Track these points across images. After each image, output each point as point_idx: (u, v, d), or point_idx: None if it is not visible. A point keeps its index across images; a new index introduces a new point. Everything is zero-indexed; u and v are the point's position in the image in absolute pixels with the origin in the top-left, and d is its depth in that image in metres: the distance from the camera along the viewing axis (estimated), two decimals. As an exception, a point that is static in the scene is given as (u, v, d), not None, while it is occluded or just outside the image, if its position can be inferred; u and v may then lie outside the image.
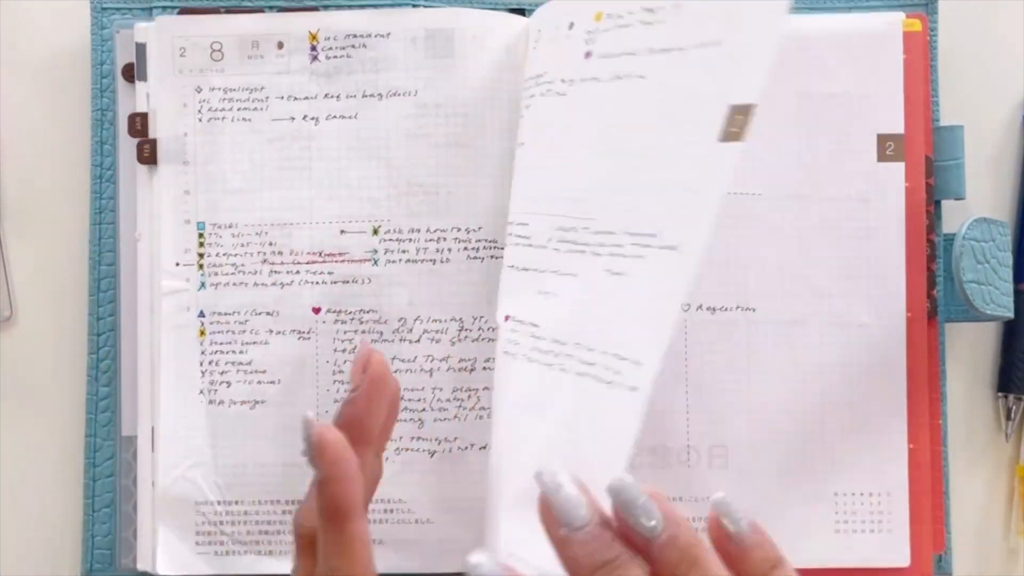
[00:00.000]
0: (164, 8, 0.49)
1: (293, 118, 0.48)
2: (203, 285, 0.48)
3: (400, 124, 0.48)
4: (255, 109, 0.48)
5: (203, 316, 0.48)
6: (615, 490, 0.30)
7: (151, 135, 0.48)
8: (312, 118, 0.48)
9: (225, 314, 0.48)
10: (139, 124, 0.48)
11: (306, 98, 0.48)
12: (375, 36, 0.48)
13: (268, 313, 0.48)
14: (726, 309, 0.47)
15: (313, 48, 0.48)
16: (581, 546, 0.29)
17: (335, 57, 0.48)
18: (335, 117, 0.48)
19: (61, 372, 0.50)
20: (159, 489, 0.47)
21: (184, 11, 0.49)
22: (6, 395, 0.51)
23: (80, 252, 0.50)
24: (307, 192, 0.48)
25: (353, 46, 0.48)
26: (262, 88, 0.48)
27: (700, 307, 0.47)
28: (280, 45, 0.48)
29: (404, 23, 0.48)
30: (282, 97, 0.48)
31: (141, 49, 0.48)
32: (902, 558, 0.47)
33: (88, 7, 0.50)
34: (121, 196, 0.49)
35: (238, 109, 0.48)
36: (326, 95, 0.48)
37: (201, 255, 0.48)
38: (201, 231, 0.48)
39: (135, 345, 0.48)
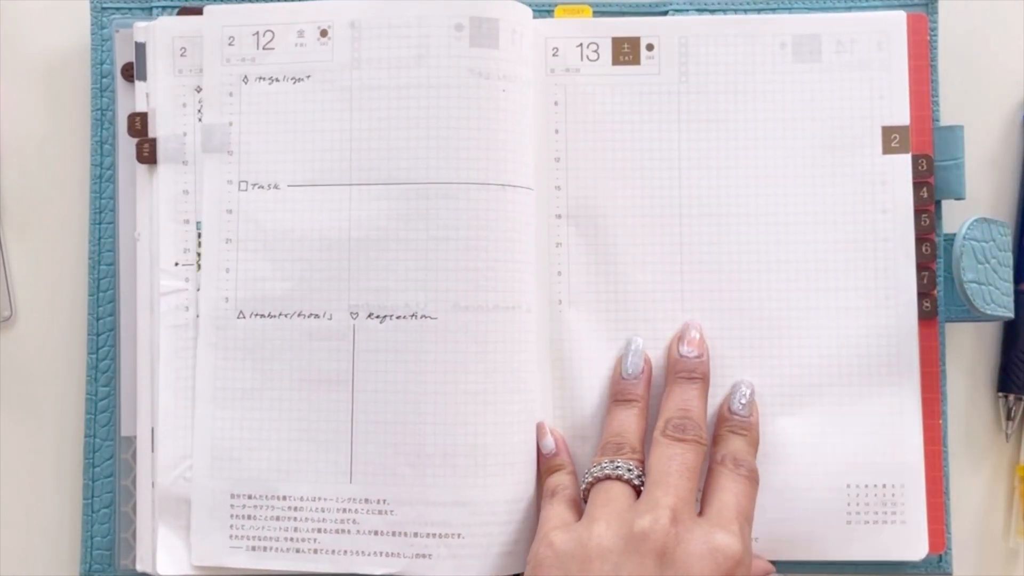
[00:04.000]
0: (164, 8, 0.49)
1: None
2: (202, 285, 0.48)
3: None
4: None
5: (201, 316, 0.47)
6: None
7: (151, 134, 0.48)
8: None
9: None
10: (139, 124, 0.48)
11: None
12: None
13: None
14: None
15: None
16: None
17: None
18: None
19: (60, 372, 0.50)
20: (159, 489, 0.47)
21: (184, 11, 0.49)
22: (6, 395, 0.51)
23: (80, 252, 0.50)
24: None
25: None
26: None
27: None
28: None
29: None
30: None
31: (140, 49, 0.48)
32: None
33: (88, 7, 0.50)
34: (120, 196, 0.49)
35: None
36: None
37: (200, 255, 0.48)
38: (200, 231, 0.48)
39: (134, 345, 0.48)
